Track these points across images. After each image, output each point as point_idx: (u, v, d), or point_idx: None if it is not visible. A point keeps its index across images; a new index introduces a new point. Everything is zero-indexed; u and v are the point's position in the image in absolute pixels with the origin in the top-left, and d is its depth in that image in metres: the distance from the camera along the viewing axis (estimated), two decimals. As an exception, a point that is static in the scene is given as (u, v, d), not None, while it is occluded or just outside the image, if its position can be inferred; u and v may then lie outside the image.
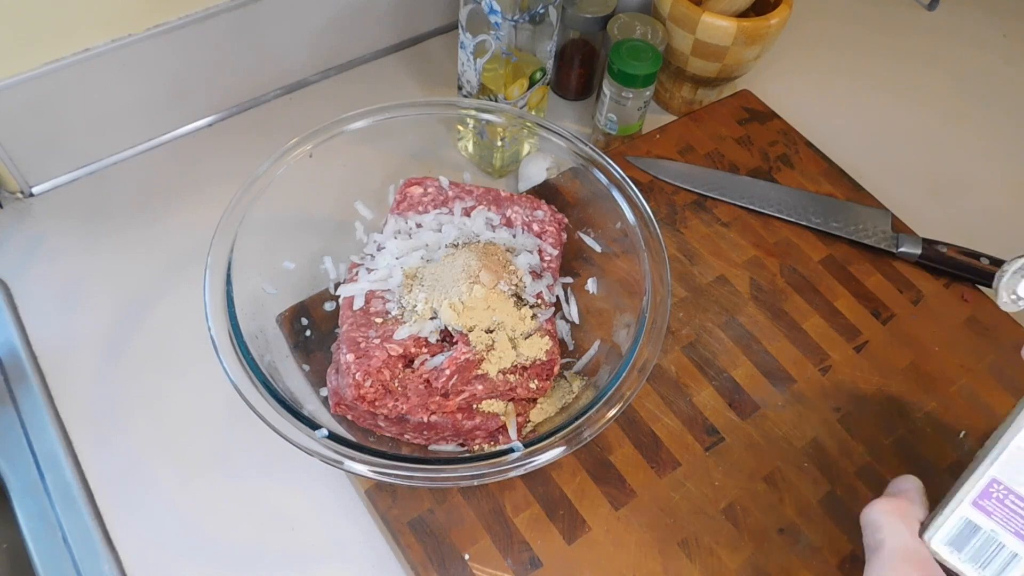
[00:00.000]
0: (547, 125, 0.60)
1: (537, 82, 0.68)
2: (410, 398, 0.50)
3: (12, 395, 0.59)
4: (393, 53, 0.84)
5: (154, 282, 0.65)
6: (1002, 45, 0.93)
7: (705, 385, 0.59)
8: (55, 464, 0.56)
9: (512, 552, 0.50)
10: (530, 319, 0.53)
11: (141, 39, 0.66)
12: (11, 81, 0.62)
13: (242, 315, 0.49)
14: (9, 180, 0.68)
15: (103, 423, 0.58)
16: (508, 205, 0.61)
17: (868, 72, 0.88)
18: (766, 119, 0.77)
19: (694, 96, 0.79)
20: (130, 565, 0.52)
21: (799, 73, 0.87)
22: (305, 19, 0.75)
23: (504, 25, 0.61)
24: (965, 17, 0.95)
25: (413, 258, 0.56)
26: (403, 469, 0.44)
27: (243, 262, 0.52)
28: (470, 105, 0.65)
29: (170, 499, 0.55)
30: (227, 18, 0.69)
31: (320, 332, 0.58)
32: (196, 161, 0.73)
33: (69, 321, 0.63)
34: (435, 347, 0.52)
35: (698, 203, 0.70)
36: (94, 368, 0.60)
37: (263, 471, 0.56)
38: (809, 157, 0.74)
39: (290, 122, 0.77)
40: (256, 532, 0.54)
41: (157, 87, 0.70)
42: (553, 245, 0.59)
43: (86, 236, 0.68)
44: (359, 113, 0.57)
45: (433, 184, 0.61)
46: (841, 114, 0.83)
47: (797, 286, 0.65)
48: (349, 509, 0.55)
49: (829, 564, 0.52)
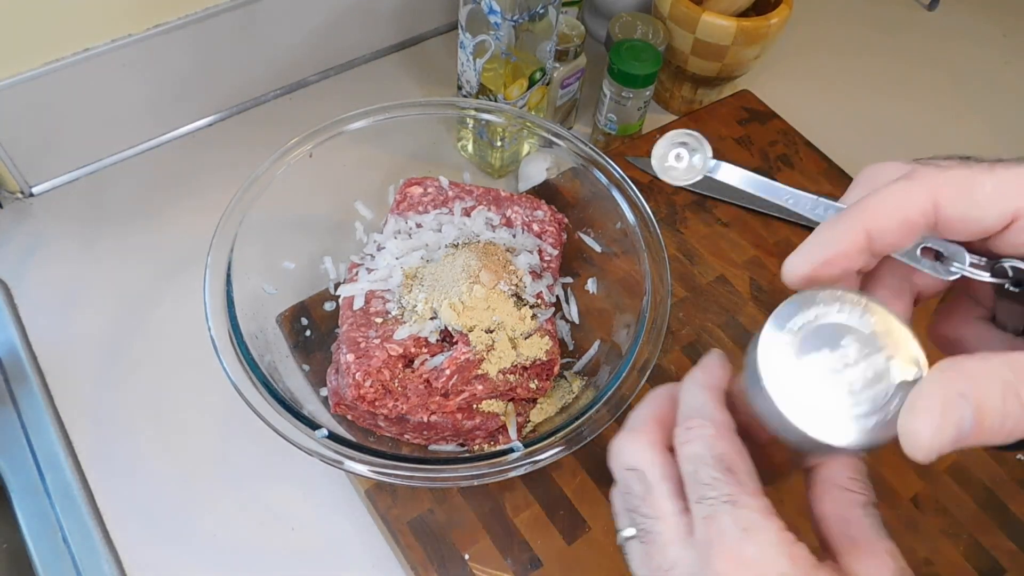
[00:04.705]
0: (547, 125, 0.60)
1: (537, 82, 0.68)
2: (410, 398, 0.50)
3: (12, 395, 0.59)
4: (393, 53, 0.84)
5: (154, 282, 0.65)
6: (1002, 44, 0.93)
7: (705, 385, 0.59)
8: (55, 464, 0.56)
9: (512, 552, 0.50)
10: (530, 319, 0.53)
11: (141, 39, 0.66)
12: (11, 81, 0.62)
13: (242, 315, 0.49)
14: (9, 180, 0.68)
15: (103, 423, 0.58)
16: (508, 205, 0.61)
17: (868, 72, 0.88)
18: (766, 119, 0.77)
19: (694, 96, 0.79)
20: (130, 565, 0.52)
21: (799, 73, 0.87)
22: (305, 19, 0.75)
23: (504, 25, 0.61)
24: (965, 17, 0.95)
25: (413, 258, 0.56)
26: (403, 469, 0.44)
27: (243, 262, 0.52)
28: (470, 105, 0.65)
29: (170, 499, 0.55)
30: (227, 18, 0.69)
31: (320, 332, 0.58)
32: (196, 161, 0.73)
33: (69, 321, 0.63)
34: (435, 347, 0.52)
35: (698, 203, 0.70)
36: (94, 368, 0.60)
37: (263, 471, 0.56)
38: (809, 157, 0.74)
39: (290, 122, 0.77)
40: (256, 532, 0.54)
41: (157, 87, 0.70)
42: (553, 245, 0.59)
43: (86, 236, 0.68)
44: (359, 113, 0.57)
45: (433, 184, 0.61)
46: (841, 114, 0.83)
47: (797, 286, 0.65)
48: (349, 509, 0.55)
49: (829, 564, 0.52)
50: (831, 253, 0.27)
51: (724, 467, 0.28)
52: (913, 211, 0.26)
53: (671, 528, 0.29)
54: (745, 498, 0.27)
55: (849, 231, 0.27)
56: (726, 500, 0.27)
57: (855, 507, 0.29)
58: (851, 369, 0.26)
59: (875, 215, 0.27)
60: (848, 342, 0.27)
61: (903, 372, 0.26)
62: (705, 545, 0.27)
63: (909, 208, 0.26)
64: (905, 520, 0.54)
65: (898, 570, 0.28)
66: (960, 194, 0.26)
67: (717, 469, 0.28)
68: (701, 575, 0.27)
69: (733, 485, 0.28)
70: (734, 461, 0.28)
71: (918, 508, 0.54)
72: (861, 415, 0.26)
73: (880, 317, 0.27)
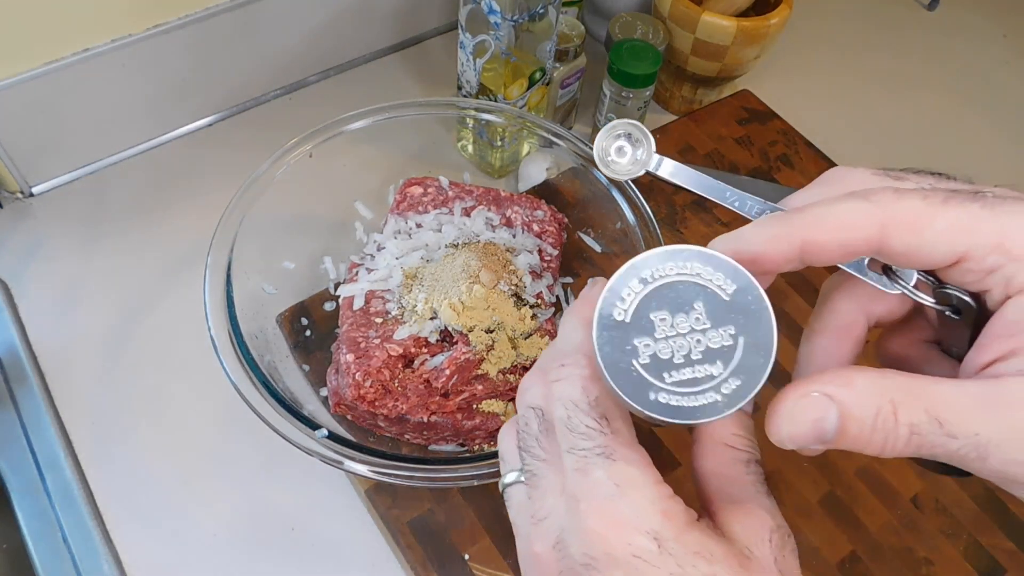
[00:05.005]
0: (547, 125, 0.60)
1: (537, 82, 0.68)
2: (410, 398, 0.50)
3: (12, 395, 0.59)
4: (393, 53, 0.84)
5: (154, 282, 0.65)
6: (1002, 45, 0.93)
7: (705, 385, 0.59)
8: (55, 464, 0.56)
9: (512, 552, 0.50)
10: (530, 319, 0.53)
11: (141, 39, 0.66)
12: (11, 81, 0.62)
13: (242, 315, 0.49)
14: (9, 180, 0.68)
15: (103, 423, 0.58)
16: (508, 205, 0.61)
17: (868, 72, 0.88)
18: (766, 119, 0.77)
19: (694, 96, 0.79)
20: (130, 565, 0.52)
21: (799, 73, 0.87)
22: (305, 19, 0.75)
23: (504, 25, 0.61)
24: (965, 17, 0.95)
25: (413, 258, 0.56)
26: (403, 469, 0.44)
27: (243, 262, 0.52)
28: (470, 105, 0.65)
29: (170, 499, 0.55)
30: (227, 18, 0.69)
31: (320, 332, 0.58)
32: (196, 161, 0.73)
33: (69, 321, 0.63)
34: (435, 347, 0.52)
35: (698, 203, 0.70)
36: (94, 368, 0.60)
37: (263, 471, 0.56)
38: (809, 157, 0.74)
39: (290, 122, 0.77)
40: (256, 532, 0.54)
41: (157, 87, 0.70)
42: (553, 245, 0.59)
43: (86, 236, 0.68)
44: (359, 113, 0.57)
45: (433, 184, 0.61)
46: (841, 114, 0.83)
47: (797, 286, 0.65)
48: (349, 509, 0.55)
49: (829, 564, 0.52)
50: (757, 253, 0.26)
51: (599, 413, 0.26)
52: (857, 236, 0.25)
53: (556, 473, 0.27)
54: (621, 450, 0.26)
55: (784, 238, 0.25)
56: (600, 452, 0.26)
57: (737, 464, 0.28)
58: (689, 337, 0.25)
59: (816, 230, 0.25)
60: (700, 307, 0.26)
61: (748, 354, 0.25)
62: (574, 499, 0.26)
63: (853, 232, 0.25)
64: (905, 520, 0.54)
65: (775, 527, 0.27)
66: (910, 229, 0.24)
67: (591, 415, 0.26)
68: (571, 529, 0.26)
69: (608, 435, 0.26)
70: (609, 407, 0.27)
71: (918, 508, 0.54)
72: (685, 389, 0.25)
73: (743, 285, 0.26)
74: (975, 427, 0.23)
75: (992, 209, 0.24)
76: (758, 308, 0.26)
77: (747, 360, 0.25)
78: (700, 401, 0.25)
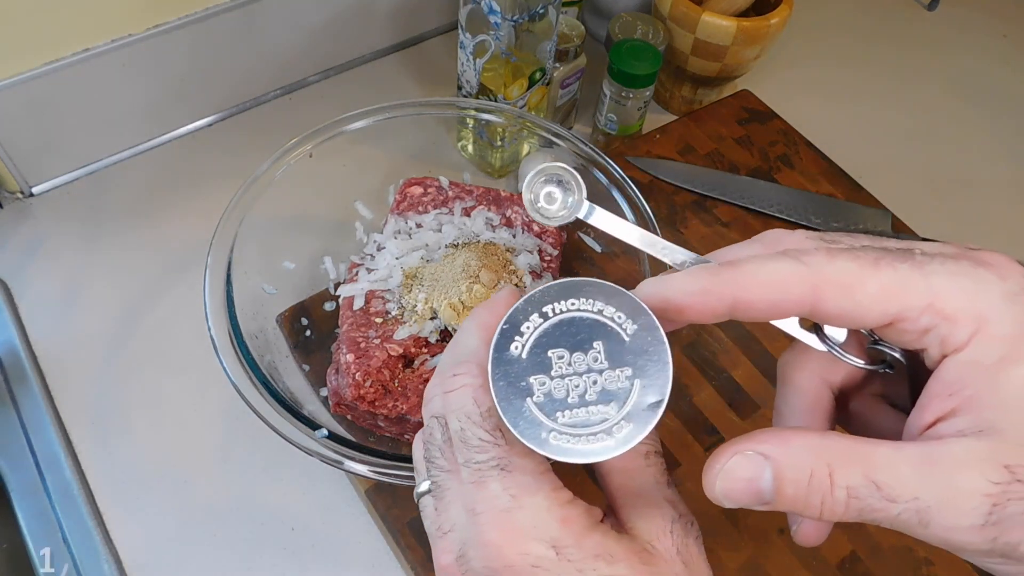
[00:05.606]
0: (547, 125, 0.60)
1: (537, 82, 0.68)
2: (410, 398, 0.50)
3: (12, 395, 0.59)
4: (393, 53, 0.84)
5: (154, 282, 0.65)
6: (1002, 45, 0.93)
7: (705, 385, 0.59)
8: (55, 464, 0.56)
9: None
10: (530, 319, 0.53)
11: (141, 39, 0.66)
12: (11, 81, 0.62)
13: (242, 315, 0.49)
14: (9, 180, 0.68)
15: (103, 423, 0.58)
16: (508, 205, 0.61)
17: (868, 72, 0.88)
18: (766, 119, 0.77)
19: (694, 96, 0.79)
20: (130, 565, 0.52)
21: (799, 73, 0.87)
22: (305, 19, 0.75)
23: (504, 25, 0.61)
24: (965, 17, 0.95)
25: (413, 258, 0.56)
26: (403, 469, 0.44)
27: (243, 262, 0.52)
28: (470, 105, 0.65)
29: (170, 499, 0.55)
30: (227, 18, 0.69)
31: (320, 332, 0.58)
32: (196, 161, 0.73)
33: (69, 321, 0.63)
34: (435, 347, 0.52)
35: (698, 203, 0.70)
36: (94, 368, 0.60)
37: (263, 471, 0.56)
38: (809, 157, 0.74)
39: (290, 122, 0.77)
40: (256, 532, 0.54)
41: (157, 87, 0.70)
42: (553, 245, 0.59)
43: (86, 236, 0.68)
44: (359, 113, 0.57)
45: (433, 184, 0.61)
46: (841, 114, 0.83)
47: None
48: (349, 509, 0.55)
49: (829, 564, 0.52)
50: (685, 305, 0.26)
51: (491, 425, 0.26)
52: (788, 296, 0.25)
53: (460, 484, 0.27)
54: (516, 460, 0.26)
55: (715, 293, 0.25)
56: (495, 464, 0.26)
57: (637, 458, 0.28)
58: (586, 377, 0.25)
59: (748, 287, 0.25)
60: (599, 346, 0.26)
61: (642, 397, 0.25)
62: (473, 512, 0.26)
63: (785, 292, 0.25)
64: (905, 520, 0.54)
65: (675, 517, 0.27)
66: (842, 292, 0.24)
67: (483, 427, 0.26)
68: (472, 542, 0.26)
69: (502, 447, 0.26)
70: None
71: (918, 508, 0.54)
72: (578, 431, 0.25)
73: (644, 324, 0.26)
74: (914, 491, 0.23)
75: (921, 269, 0.24)
76: (656, 351, 0.26)
77: (641, 403, 0.25)
78: (591, 444, 0.25)
